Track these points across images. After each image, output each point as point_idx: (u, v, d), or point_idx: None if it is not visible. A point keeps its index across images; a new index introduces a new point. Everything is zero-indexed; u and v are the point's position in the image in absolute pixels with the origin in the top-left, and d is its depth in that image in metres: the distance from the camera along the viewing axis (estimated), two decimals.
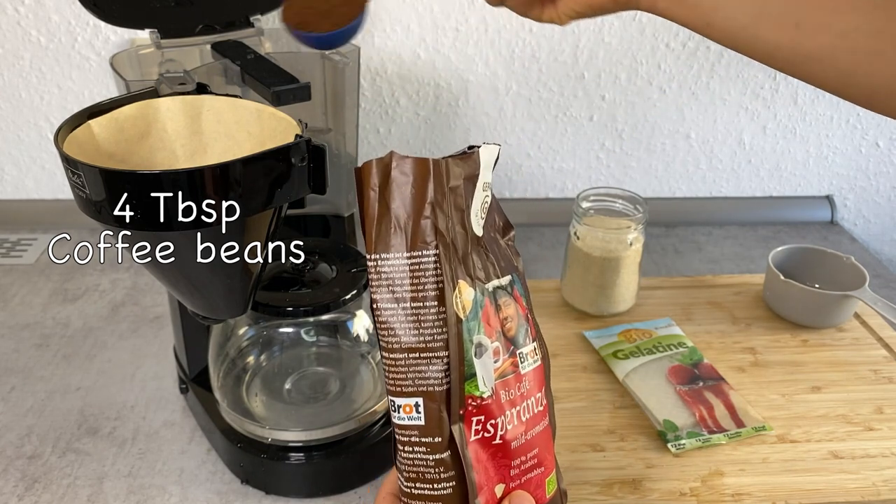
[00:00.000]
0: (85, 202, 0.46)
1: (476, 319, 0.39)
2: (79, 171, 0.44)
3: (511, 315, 0.41)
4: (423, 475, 0.38)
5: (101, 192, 0.44)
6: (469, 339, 0.38)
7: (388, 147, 1.04)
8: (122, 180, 0.44)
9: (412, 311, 0.37)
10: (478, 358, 0.38)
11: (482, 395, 0.38)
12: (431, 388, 0.38)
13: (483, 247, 0.41)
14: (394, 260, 0.38)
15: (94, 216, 0.46)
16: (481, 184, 0.40)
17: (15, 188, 1.05)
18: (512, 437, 0.39)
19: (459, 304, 0.38)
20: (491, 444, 0.39)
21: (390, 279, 0.38)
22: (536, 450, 0.41)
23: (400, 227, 0.38)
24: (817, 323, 0.80)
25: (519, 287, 0.43)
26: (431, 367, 0.37)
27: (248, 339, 0.68)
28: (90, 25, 0.94)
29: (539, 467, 0.41)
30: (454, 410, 0.37)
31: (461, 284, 0.38)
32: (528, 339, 0.42)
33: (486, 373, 0.39)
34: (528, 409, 0.41)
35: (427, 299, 0.37)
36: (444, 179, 0.38)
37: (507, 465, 0.39)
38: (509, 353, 0.40)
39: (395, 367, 0.38)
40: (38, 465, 0.64)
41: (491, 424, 0.39)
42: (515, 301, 0.42)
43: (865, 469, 0.62)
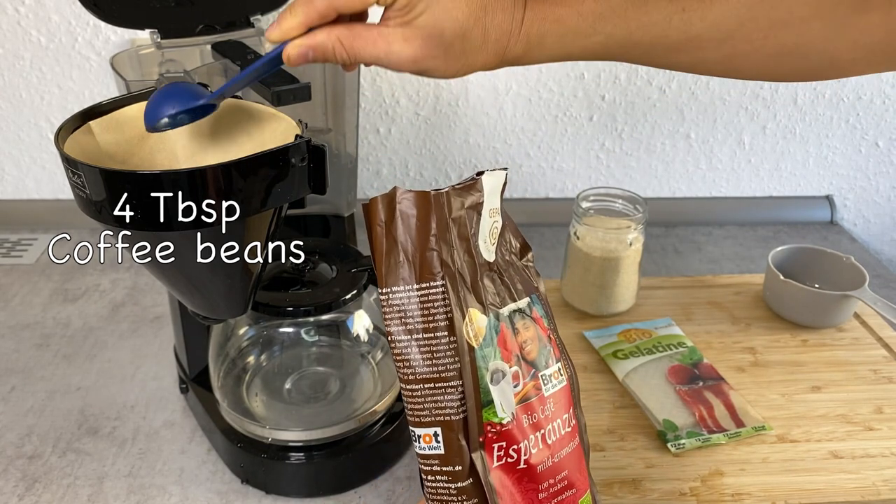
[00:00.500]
0: (85, 202, 0.46)
1: (491, 346, 0.39)
2: (79, 171, 0.44)
3: (531, 338, 0.41)
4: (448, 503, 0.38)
5: (102, 192, 0.44)
6: (484, 367, 0.38)
7: (388, 147, 1.04)
8: (123, 180, 0.44)
9: (425, 342, 0.38)
10: (495, 384, 0.38)
11: (501, 420, 0.38)
12: (448, 418, 0.38)
13: (496, 271, 0.41)
14: (404, 293, 0.38)
15: (94, 216, 0.46)
16: (487, 210, 0.40)
17: (15, 188, 1.05)
18: (537, 461, 0.39)
19: (471, 333, 0.38)
20: (515, 469, 0.39)
21: (402, 312, 0.38)
22: (566, 471, 0.41)
23: (408, 259, 0.38)
24: (817, 323, 0.80)
25: (539, 308, 0.43)
26: (447, 396, 0.38)
27: (249, 338, 0.68)
28: (90, 25, 0.94)
29: (570, 489, 0.41)
30: (473, 438, 0.38)
31: (472, 312, 0.38)
32: (552, 361, 0.42)
33: (504, 399, 0.39)
34: (555, 432, 0.41)
35: (438, 330, 0.38)
36: (445, 211, 0.39)
37: (534, 489, 0.39)
38: (531, 377, 0.40)
39: (412, 398, 0.39)
40: (38, 464, 0.64)
41: (513, 450, 0.39)
42: (535, 323, 0.41)
43: (865, 469, 0.62)
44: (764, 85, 1.02)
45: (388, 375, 0.66)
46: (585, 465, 0.43)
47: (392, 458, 0.65)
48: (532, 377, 0.40)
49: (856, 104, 1.04)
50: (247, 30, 0.67)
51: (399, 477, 0.64)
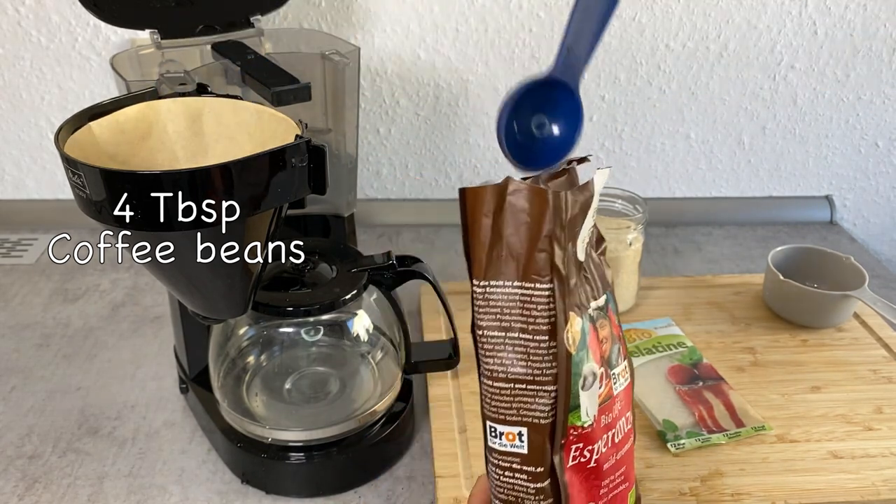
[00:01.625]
0: (85, 202, 0.46)
1: (584, 349, 0.37)
2: (79, 171, 0.44)
3: (606, 336, 0.40)
4: (523, 501, 0.38)
5: (102, 193, 0.44)
6: (577, 373, 0.37)
7: (388, 147, 1.04)
8: (123, 180, 0.44)
9: (521, 342, 0.37)
10: (585, 389, 0.37)
11: (583, 424, 0.37)
12: (537, 421, 0.37)
13: (584, 269, 0.39)
14: (503, 288, 0.37)
15: (94, 216, 0.46)
16: (592, 210, 0.38)
17: (15, 188, 1.05)
18: (605, 459, 0.39)
19: (570, 339, 0.36)
20: (585, 468, 0.38)
21: (498, 307, 0.37)
22: (624, 467, 0.41)
23: (512, 256, 0.36)
24: (817, 323, 0.80)
25: (612, 304, 0.41)
26: (538, 399, 0.37)
27: (249, 338, 0.68)
28: (90, 26, 0.94)
29: (625, 483, 0.41)
30: (557, 442, 0.37)
31: (572, 317, 0.37)
32: (620, 359, 0.40)
33: (590, 403, 0.38)
34: (620, 430, 0.41)
35: (538, 332, 0.36)
36: (562, 213, 0.36)
37: (597, 485, 0.39)
38: (608, 377, 0.39)
39: (498, 396, 0.37)
40: (38, 464, 0.64)
41: (588, 450, 0.38)
42: (609, 320, 0.40)
43: (865, 469, 0.62)
44: (763, 85, 1.02)
45: (387, 375, 0.66)
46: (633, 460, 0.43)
47: (392, 458, 0.65)
48: (608, 377, 0.39)
49: (855, 104, 1.04)
50: (247, 30, 0.67)
51: (399, 477, 0.64)
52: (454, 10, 0.95)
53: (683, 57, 0.99)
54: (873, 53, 1.00)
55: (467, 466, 0.62)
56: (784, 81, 1.02)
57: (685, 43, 0.98)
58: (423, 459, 0.66)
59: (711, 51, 0.99)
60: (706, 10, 0.96)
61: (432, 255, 1.00)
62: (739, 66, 1.00)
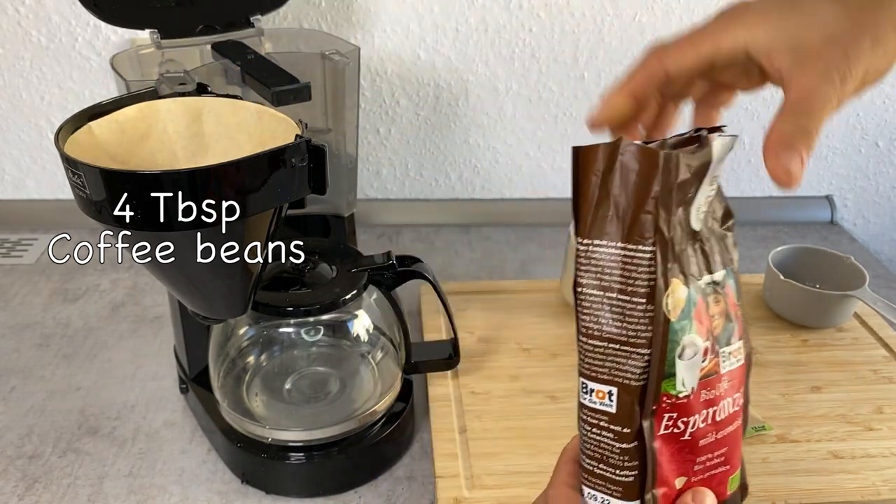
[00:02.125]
0: (85, 202, 0.46)
1: (688, 319, 0.37)
2: (79, 171, 0.44)
3: (719, 312, 0.40)
4: (608, 459, 0.38)
5: (102, 193, 0.44)
6: (675, 340, 0.37)
7: (388, 147, 1.04)
8: (123, 180, 0.44)
9: (618, 302, 0.37)
10: (683, 359, 0.37)
11: (678, 394, 0.37)
12: (627, 382, 0.37)
13: (700, 240, 0.39)
14: (606, 248, 0.36)
15: (94, 216, 0.46)
16: (710, 177, 0.38)
17: (15, 188, 1.05)
18: (702, 434, 0.39)
19: (670, 305, 0.36)
20: (679, 439, 0.38)
21: (600, 266, 0.37)
22: (725, 448, 0.41)
23: (618, 216, 0.36)
24: (817, 323, 0.80)
25: (732, 281, 0.41)
26: (631, 361, 0.37)
27: (249, 338, 0.68)
28: (90, 26, 0.94)
29: (725, 465, 0.41)
30: (647, 406, 0.37)
31: (674, 283, 0.36)
32: (735, 338, 0.40)
33: (688, 373, 0.38)
34: (724, 410, 0.40)
35: (636, 294, 0.36)
36: (672, 175, 0.36)
37: (692, 460, 0.39)
38: (714, 353, 0.39)
39: (592, 353, 0.38)
40: (38, 464, 0.64)
41: (682, 422, 0.38)
42: (726, 297, 0.40)
43: (865, 469, 0.62)
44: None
45: (387, 375, 0.66)
46: (740, 444, 0.42)
47: (392, 458, 0.65)
48: (715, 353, 0.39)
49: (856, 104, 1.04)
50: (247, 30, 0.67)
51: (399, 477, 0.64)
52: (454, 10, 0.95)
53: None
54: None
55: (467, 466, 0.62)
56: None
57: None
58: (423, 459, 0.66)
59: None
60: (706, 10, 0.95)
61: (432, 255, 1.00)
62: None
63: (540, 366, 0.74)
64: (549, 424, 0.67)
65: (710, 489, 0.40)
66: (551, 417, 0.67)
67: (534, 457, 0.63)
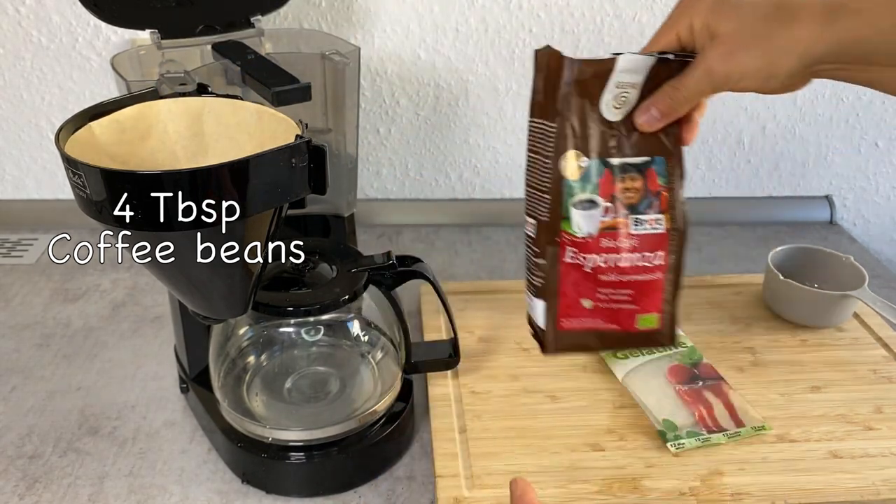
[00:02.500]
0: (86, 202, 0.46)
1: (588, 182, 0.52)
2: (79, 171, 0.44)
3: (637, 187, 0.53)
4: (529, 268, 0.55)
5: (102, 192, 0.44)
6: (569, 193, 0.52)
7: (388, 147, 1.05)
8: (123, 180, 0.44)
9: (537, 160, 0.52)
10: (577, 209, 0.52)
11: (575, 234, 0.52)
12: (540, 217, 0.53)
13: (618, 130, 0.52)
14: (534, 123, 0.52)
15: (94, 216, 0.46)
16: (613, 82, 0.51)
17: (16, 188, 1.06)
18: (601, 272, 0.53)
19: (565, 166, 0.51)
20: (581, 269, 0.53)
21: (533, 136, 0.52)
22: (632, 291, 0.54)
23: (542, 101, 0.51)
24: (817, 323, 0.80)
25: (659, 168, 0.53)
26: (541, 203, 0.52)
27: (249, 338, 0.68)
28: (91, 26, 0.94)
29: (632, 304, 0.55)
30: (550, 236, 0.52)
31: (570, 153, 0.52)
32: (653, 210, 0.53)
33: (584, 221, 0.52)
34: (630, 261, 0.54)
35: (545, 156, 0.52)
36: (573, 74, 0.51)
37: (594, 289, 0.54)
38: (622, 215, 0.52)
39: (527, 197, 0.54)
40: (38, 464, 0.64)
41: (582, 257, 0.53)
42: (646, 178, 0.53)
43: (865, 469, 0.62)
44: None
45: (387, 375, 0.67)
46: (662, 296, 0.56)
47: (392, 458, 0.65)
48: (624, 216, 0.53)
49: (855, 104, 1.04)
50: (247, 30, 0.67)
51: (399, 476, 0.64)
52: (454, 10, 0.95)
53: None
54: None
55: (467, 466, 0.62)
56: None
57: None
58: (423, 459, 0.66)
59: None
60: None
61: (432, 255, 1.00)
62: None
63: (540, 366, 0.74)
64: (548, 424, 0.67)
65: (616, 319, 0.55)
66: (551, 417, 0.68)
67: (534, 456, 0.63)
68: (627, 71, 0.51)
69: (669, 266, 0.55)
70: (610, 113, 0.52)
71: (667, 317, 0.57)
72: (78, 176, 0.45)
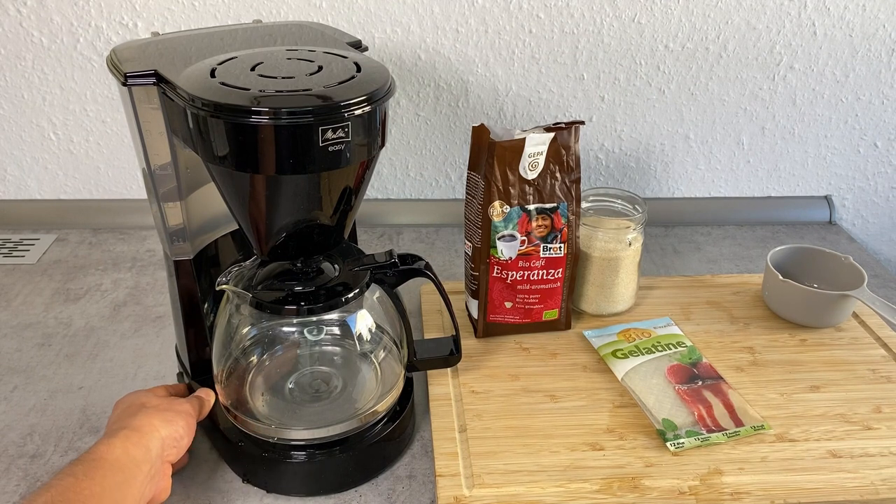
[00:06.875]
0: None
1: (510, 221, 0.73)
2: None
3: (545, 225, 0.74)
4: (468, 277, 0.78)
5: None
6: (495, 230, 0.73)
7: (388, 147, 1.05)
8: None
9: (470, 201, 0.75)
10: (502, 241, 0.74)
11: (499, 258, 0.74)
12: (475, 244, 0.75)
13: (535, 185, 0.73)
14: (471, 176, 0.74)
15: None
16: (525, 154, 0.71)
17: (17, 188, 1.06)
18: (518, 283, 0.76)
19: (492, 211, 0.72)
20: (504, 281, 0.76)
21: (471, 185, 0.74)
22: (539, 295, 0.77)
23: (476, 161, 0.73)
24: (816, 322, 0.80)
25: (563, 211, 0.75)
26: (475, 234, 0.74)
27: (251, 338, 0.68)
28: (91, 27, 0.94)
29: (540, 304, 0.78)
30: (483, 258, 0.75)
31: (496, 203, 0.72)
32: (557, 242, 0.75)
33: (506, 249, 0.74)
34: (539, 275, 0.76)
35: (478, 201, 0.73)
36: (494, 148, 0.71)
37: (513, 294, 0.77)
38: (535, 244, 0.75)
39: (466, 227, 0.77)
40: (39, 464, 0.65)
41: (505, 273, 0.75)
42: (553, 218, 0.74)
43: (864, 468, 0.62)
44: (763, 85, 1.02)
45: (389, 375, 0.67)
46: (561, 297, 0.78)
47: (393, 458, 0.66)
48: (535, 245, 0.74)
49: (854, 105, 1.05)
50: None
51: (399, 476, 0.64)
52: (454, 11, 0.95)
53: (683, 58, 0.99)
54: (872, 54, 1.01)
55: (467, 465, 0.62)
56: (783, 82, 1.02)
57: (684, 44, 0.98)
58: (423, 458, 0.66)
59: (711, 51, 0.99)
60: (705, 10, 0.96)
61: (432, 254, 1.00)
62: (738, 66, 1.00)
63: (540, 365, 0.75)
64: (548, 423, 0.67)
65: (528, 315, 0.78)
66: (551, 416, 0.68)
67: (533, 455, 0.63)
68: (534, 145, 0.71)
69: (566, 278, 0.77)
70: (526, 174, 0.72)
71: (563, 311, 0.79)
72: None
